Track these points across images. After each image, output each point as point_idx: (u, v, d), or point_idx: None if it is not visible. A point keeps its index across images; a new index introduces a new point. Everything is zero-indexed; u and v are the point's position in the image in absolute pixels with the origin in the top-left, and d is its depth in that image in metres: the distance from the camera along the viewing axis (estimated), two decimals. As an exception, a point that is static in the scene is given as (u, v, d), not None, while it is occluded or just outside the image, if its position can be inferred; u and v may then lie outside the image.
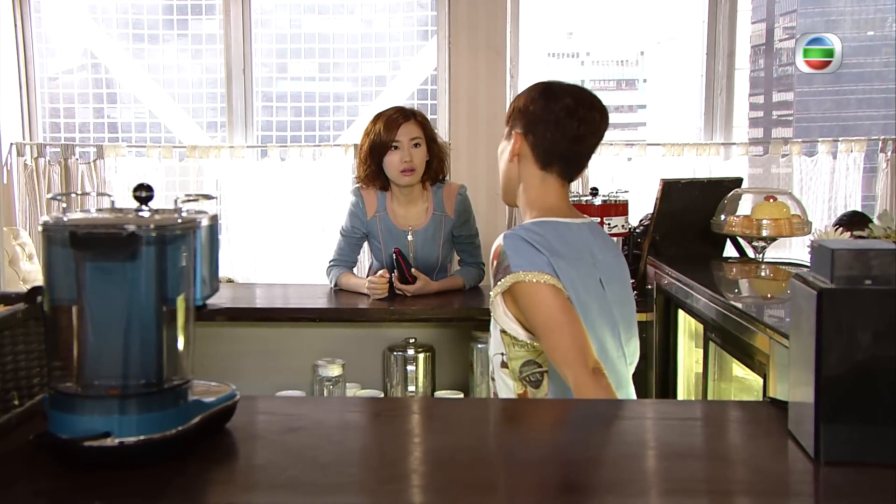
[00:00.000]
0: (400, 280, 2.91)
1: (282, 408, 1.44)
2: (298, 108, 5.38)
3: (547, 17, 5.55)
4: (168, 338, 1.18)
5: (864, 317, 1.14)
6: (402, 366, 2.78)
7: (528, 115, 1.82)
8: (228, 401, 1.29)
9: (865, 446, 1.14)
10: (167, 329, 1.18)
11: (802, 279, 1.23)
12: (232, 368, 2.90)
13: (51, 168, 4.69)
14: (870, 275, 1.16)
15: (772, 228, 2.59)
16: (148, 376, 1.15)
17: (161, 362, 1.17)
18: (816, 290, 1.16)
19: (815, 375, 1.16)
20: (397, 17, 5.32)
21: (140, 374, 1.15)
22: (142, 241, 1.13)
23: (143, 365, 1.15)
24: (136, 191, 1.22)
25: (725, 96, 5.14)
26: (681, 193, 2.69)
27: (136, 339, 1.14)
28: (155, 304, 1.16)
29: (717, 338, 1.97)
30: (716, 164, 5.00)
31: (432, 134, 3.08)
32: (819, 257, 1.22)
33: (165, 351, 1.18)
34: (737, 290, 2.36)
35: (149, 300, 1.15)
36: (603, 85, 5.96)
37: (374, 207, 3.08)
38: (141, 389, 1.14)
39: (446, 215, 3.10)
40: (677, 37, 5.84)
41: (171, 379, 1.18)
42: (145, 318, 1.15)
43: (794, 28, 6.05)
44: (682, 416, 1.45)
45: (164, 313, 1.17)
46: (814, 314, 1.17)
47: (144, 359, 1.15)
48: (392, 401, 1.78)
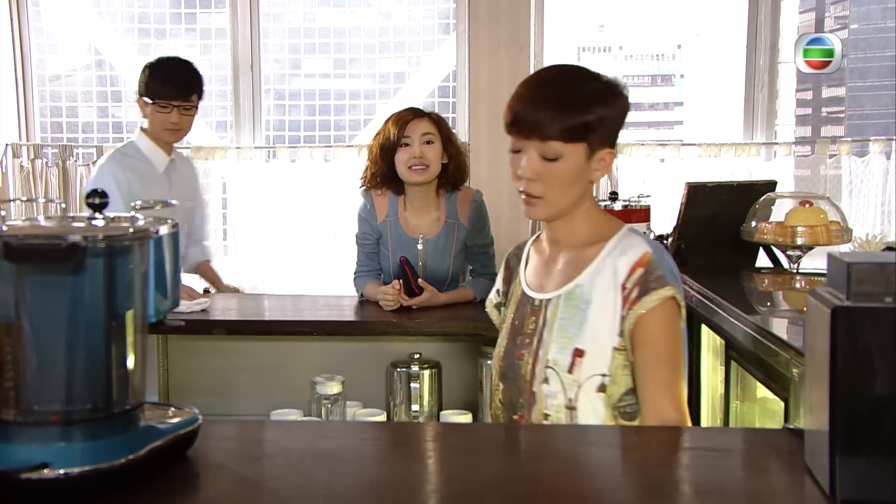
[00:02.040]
0: (406, 291, 2.87)
1: (249, 433, 1.40)
2: (312, 106, 5.37)
3: (576, 9, 5.49)
4: (117, 358, 1.15)
5: (883, 338, 1.09)
6: (406, 383, 2.74)
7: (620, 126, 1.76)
8: (187, 426, 1.25)
9: (885, 483, 1.09)
10: (116, 348, 1.15)
11: (817, 295, 1.18)
12: (225, 385, 2.90)
13: (48, 170, 4.71)
14: (891, 291, 1.11)
15: (807, 236, 2.53)
16: (94, 400, 1.13)
17: (109, 385, 1.14)
18: (830, 308, 1.11)
19: (830, 403, 1.11)
20: (417, 10, 5.29)
21: (85, 397, 1.12)
22: (86, 252, 1.10)
23: (88, 388, 1.13)
24: (89, 197, 1.20)
25: (767, 92, 5.05)
26: (708, 198, 2.63)
27: (80, 359, 1.12)
28: (103, 320, 1.13)
29: (739, 357, 1.91)
30: (756, 165, 4.90)
31: (449, 134, 3.05)
32: (835, 271, 1.17)
33: (114, 372, 1.15)
34: (764, 304, 2.30)
35: (95, 317, 1.13)
36: (637, 81, 5.90)
37: (386, 211, 3.08)
38: (86, 415, 1.12)
39: (459, 223, 3.07)
40: (718, 29, 5.76)
41: (121, 402, 1.15)
42: (91, 336, 1.12)
43: (847, 17, 5.94)
44: (692, 445, 1.41)
45: (113, 331, 1.14)
46: (828, 334, 1.11)
47: (90, 381, 1.13)
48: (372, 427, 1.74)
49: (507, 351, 1.80)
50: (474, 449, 1.37)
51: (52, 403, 1.10)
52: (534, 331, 1.75)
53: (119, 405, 1.14)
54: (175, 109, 3.21)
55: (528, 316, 1.77)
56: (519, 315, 1.79)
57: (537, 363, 1.72)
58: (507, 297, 1.88)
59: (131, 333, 1.16)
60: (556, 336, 1.71)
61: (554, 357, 1.69)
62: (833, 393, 1.11)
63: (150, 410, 1.25)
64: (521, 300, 1.80)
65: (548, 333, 1.72)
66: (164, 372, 2.89)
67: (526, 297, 1.79)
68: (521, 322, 1.78)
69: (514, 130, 1.69)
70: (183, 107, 3.23)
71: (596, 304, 1.68)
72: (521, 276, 1.84)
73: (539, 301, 1.76)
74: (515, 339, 1.78)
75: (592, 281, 1.70)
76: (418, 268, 3.04)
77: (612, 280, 1.67)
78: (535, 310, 1.76)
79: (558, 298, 1.72)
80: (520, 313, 1.79)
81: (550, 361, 1.70)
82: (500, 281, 1.94)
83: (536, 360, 1.72)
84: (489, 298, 1.97)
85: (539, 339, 1.73)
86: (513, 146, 1.70)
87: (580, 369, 1.67)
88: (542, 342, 1.72)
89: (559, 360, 1.69)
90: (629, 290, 1.66)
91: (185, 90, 3.23)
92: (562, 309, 1.71)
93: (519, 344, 1.77)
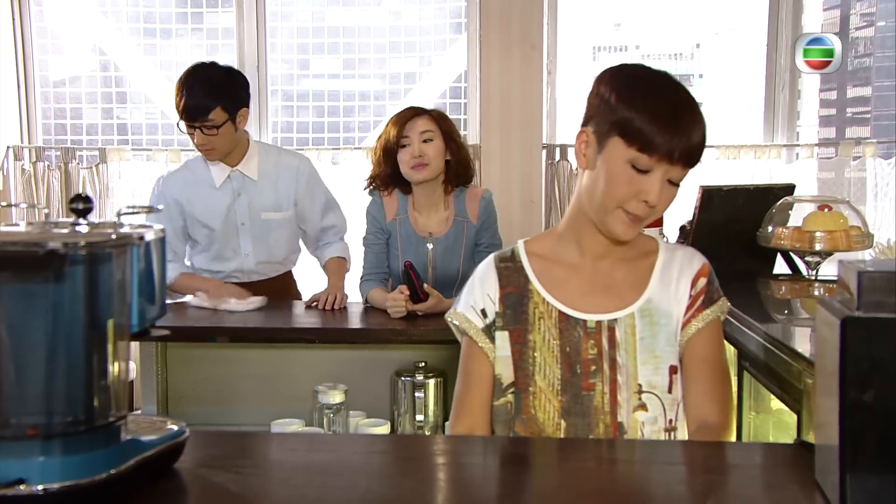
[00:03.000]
0: (411, 297, 2.86)
1: (238, 446, 1.39)
2: (320, 107, 5.36)
3: (591, 7, 5.46)
4: (98, 368, 1.14)
5: (894, 350, 1.06)
6: (411, 392, 2.73)
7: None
8: (174, 439, 1.24)
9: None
10: (97, 358, 1.14)
11: (827, 304, 1.16)
12: (226, 394, 2.90)
13: (50, 173, 4.72)
14: (903, 301, 1.09)
15: (826, 242, 2.49)
16: (74, 412, 1.12)
17: (90, 396, 1.13)
18: (840, 318, 1.09)
19: (839, 417, 1.09)
20: (428, 9, 5.28)
21: (65, 410, 1.11)
22: (66, 259, 1.09)
23: (68, 400, 1.11)
24: (73, 202, 1.19)
25: (788, 92, 5.01)
26: (723, 202, 2.61)
27: (60, 370, 1.11)
28: (84, 330, 1.12)
29: (752, 367, 1.88)
30: (777, 168, 4.87)
31: (451, 131, 3.05)
32: (845, 279, 1.15)
33: (96, 383, 1.14)
34: (778, 312, 2.27)
35: (75, 326, 1.11)
36: (654, 81, 5.85)
37: (395, 210, 3.10)
38: (66, 428, 1.11)
39: (468, 221, 3.07)
40: (738, 27, 5.72)
41: (103, 415, 1.14)
42: (71, 346, 1.11)
43: (874, 14, 5.89)
44: (698, 460, 1.39)
45: (95, 340, 1.13)
46: (837, 345, 1.09)
47: (70, 393, 1.12)
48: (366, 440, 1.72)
49: (566, 383, 1.63)
50: (475, 463, 1.35)
51: (30, 416, 1.09)
52: (598, 356, 1.63)
53: (100, 417, 1.13)
54: (197, 130, 3.08)
55: (583, 340, 1.64)
56: (568, 340, 1.64)
57: (618, 390, 1.61)
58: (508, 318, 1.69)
59: (113, 343, 1.15)
60: (642, 357, 1.62)
61: (649, 379, 1.61)
62: (843, 406, 1.09)
63: (135, 423, 1.24)
64: (563, 323, 1.65)
65: (625, 356, 1.62)
66: (164, 381, 2.88)
67: (573, 320, 1.65)
68: (575, 348, 1.64)
69: (655, 151, 1.54)
70: (204, 126, 3.07)
71: (675, 316, 1.64)
72: (541, 294, 1.68)
73: (595, 323, 1.64)
74: (574, 367, 1.63)
75: (662, 292, 1.65)
76: (428, 269, 3.05)
77: (678, 290, 1.65)
78: (590, 333, 1.64)
79: (630, 317, 1.64)
80: (568, 338, 1.64)
81: (646, 385, 1.61)
82: (486, 299, 1.71)
83: (616, 387, 1.62)
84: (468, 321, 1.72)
85: (612, 364, 1.62)
86: (638, 163, 1.55)
87: (677, 386, 1.62)
88: (619, 366, 1.62)
89: (656, 383, 1.61)
90: (693, 299, 1.64)
91: (201, 109, 3.03)
92: (640, 327, 1.63)
93: (581, 373, 1.63)
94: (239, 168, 3.24)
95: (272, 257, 3.33)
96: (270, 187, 3.28)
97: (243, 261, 3.27)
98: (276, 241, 3.32)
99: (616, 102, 1.56)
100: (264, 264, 3.32)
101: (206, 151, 3.16)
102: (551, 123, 4.87)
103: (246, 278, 3.27)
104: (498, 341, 1.68)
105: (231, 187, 3.24)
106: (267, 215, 3.27)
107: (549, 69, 4.83)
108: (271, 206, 3.28)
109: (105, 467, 1.11)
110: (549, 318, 1.66)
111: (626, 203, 1.58)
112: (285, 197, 3.30)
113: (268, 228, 3.28)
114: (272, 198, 3.28)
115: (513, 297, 1.70)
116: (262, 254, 3.30)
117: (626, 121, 1.55)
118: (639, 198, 1.57)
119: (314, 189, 3.38)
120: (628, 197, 1.57)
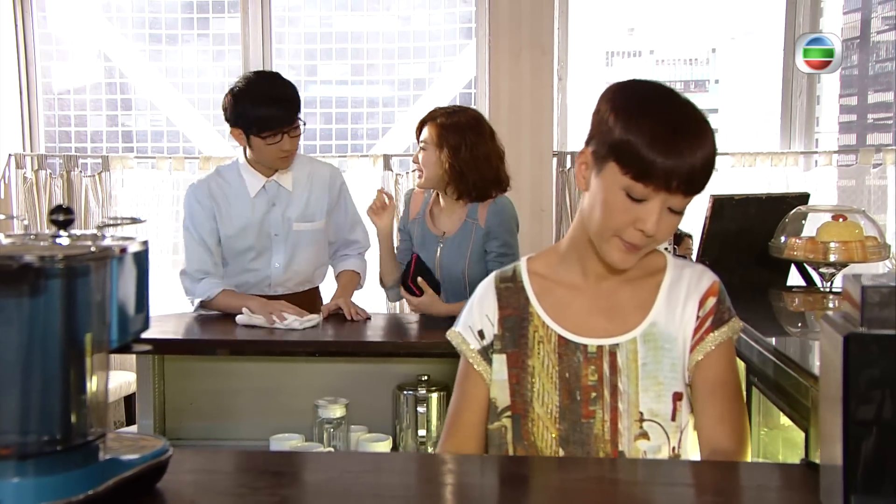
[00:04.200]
0: (402, 284, 2.89)
1: (224, 465, 1.37)
2: (328, 114, 5.36)
3: (604, 11, 5.45)
4: (76, 385, 1.13)
5: (899, 368, 1.04)
6: (413, 407, 2.71)
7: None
8: (156, 458, 1.22)
9: (904, 527, 1.04)
10: (75, 375, 1.13)
11: (830, 320, 1.14)
12: (224, 408, 2.89)
13: (52, 181, 4.73)
14: (909, 317, 1.06)
15: (841, 253, 2.46)
16: (50, 431, 1.11)
17: (67, 414, 1.12)
18: (843, 335, 1.07)
19: (843, 436, 1.07)
20: (438, 14, 5.27)
21: (40, 429, 1.10)
22: (41, 273, 1.08)
23: (43, 418, 1.10)
24: (53, 213, 1.18)
25: (806, 98, 4.98)
26: (734, 211, 2.58)
27: (35, 387, 1.10)
28: (60, 346, 1.11)
29: (760, 382, 1.86)
30: (794, 175, 4.83)
31: (453, 141, 3.02)
32: (850, 294, 1.12)
33: (73, 401, 1.13)
34: (788, 325, 2.24)
35: (52, 342, 1.10)
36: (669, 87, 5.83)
37: (418, 209, 3.21)
38: (41, 448, 1.10)
39: (477, 224, 3.06)
40: (754, 31, 5.69)
41: (80, 433, 1.12)
42: (48, 362, 1.10)
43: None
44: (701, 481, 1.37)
45: (72, 356, 1.12)
46: (841, 363, 1.07)
47: (46, 411, 1.11)
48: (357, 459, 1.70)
49: (565, 410, 1.59)
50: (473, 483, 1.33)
51: (3, 435, 1.08)
52: (598, 382, 1.58)
53: (78, 436, 1.12)
54: (284, 135, 3.08)
55: (583, 366, 1.59)
56: (568, 366, 1.60)
57: (619, 418, 1.57)
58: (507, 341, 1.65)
59: (91, 359, 1.13)
60: (644, 384, 1.57)
61: (651, 407, 1.57)
62: (846, 426, 1.07)
63: (117, 441, 1.22)
64: (562, 348, 1.61)
65: (627, 382, 1.57)
66: (161, 394, 2.87)
67: (573, 345, 1.61)
68: (575, 374, 1.60)
69: (650, 180, 1.47)
70: (292, 130, 3.09)
71: (680, 341, 1.58)
72: (541, 317, 1.64)
73: (596, 347, 1.59)
74: (573, 394, 1.59)
75: (667, 315, 1.59)
76: (435, 268, 3.07)
77: (685, 313, 1.59)
78: (591, 358, 1.59)
79: (632, 342, 1.59)
80: (567, 364, 1.60)
81: (647, 413, 1.57)
82: (484, 320, 1.68)
83: (617, 414, 1.57)
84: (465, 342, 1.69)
85: (613, 391, 1.58)
86: (633, 191, 1.48)
87: (682, 413, 1.58)
88: (621, 393, 1.57)
89: (659, 410, 1.57)
90: (702, 320, 1.58)
91: (292, 112, 3.08)
92: (643, 353, 1.58)
93: (581, 400, 1.59)
94: (275, 178, 3.22)
95: (301, 270, 3.31)
96: (304, 198, 3.27)
97: (273, 273, 3.25)
98: (305, 253, 3.29)
99: (613, 123, 1.49)
100: (292, 278, 3.30)
101: (286, 159, 3.15)
102: (562, 130, 4.86)
103: (272, 291, 3.24)
104: (495, 364, 1.65)
105: (266, 197, 3.22)
106: (299, 226, 3.25)
107: (559, 75, 4.81)
108: (304, 217, 3.26)
109: (82, 488, 1.10)
110: (548, 343, 1.62)
111: (621, 232, 1.52)
112: (318, 208, 3.29)
113: (299, 239, 3.26)
114: (305, 208, 3.27)
115: (512, 320, 1.66)
116: (292, 266, 3.28)
117: (622, 145, 1.48)
118: (635, 226, 1.50)
119: (346, 201, 3.38)
120: (624, 225, 1.51)
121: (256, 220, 3.19)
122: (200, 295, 3.08)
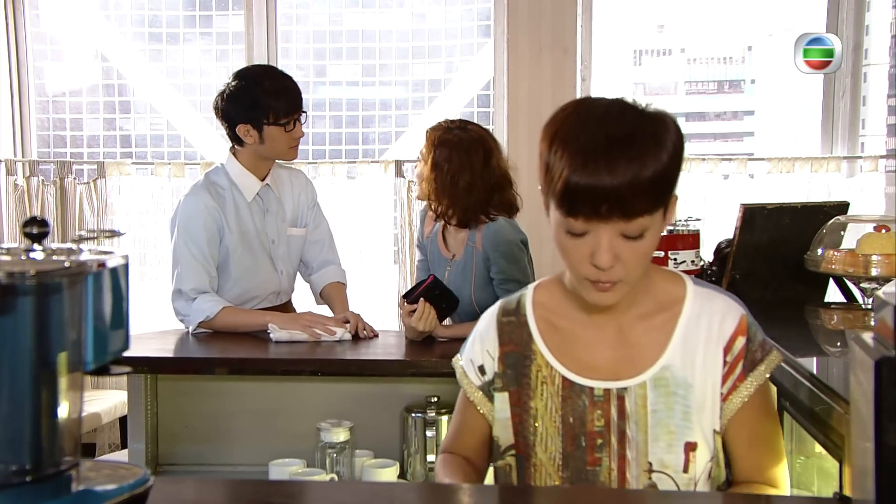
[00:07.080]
0: (405, 295, 2.94)
1: (208, 495, 1.36)
2: (338, 117, 5.36)
3: (631, 7, 5.43)
4: (47, 410, 1.12)
5: (936, 396, 1.02)
6: (422, 430, 2.71)
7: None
8: (134, 489, 1.21)
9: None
10: (47, 398, 1.12)
11: (862, 343, 1.12)
12: (221, 431, 2.89)
13: (45, 189, 4.75)
14: (946, 341, 1.04)
15: (883, 266, 2.43)
16: (19, 461, 1.10)
17: (37, 442, 1.12)
18: (874, 359, 1.05)
19: (875, 468, 1.05)
20: (454, 11, 5.27)
21: (9, 457, 1.10)
22: (11, 290, 1.08)
23: (13, 446, 1.10)
24: (27, 226, 1.18)
25: (850, 99, 4.93)
26: (767, 221, 2.55)
27: (3, 412, 1.09)
28: (31, 367, 1.11)
29: (792, 407, 1.83)
30: (836, 182, 4.79)
31: (439, 159, 3.05)
32: (882, 315, 1.10)
33: (44, 427, 1.12)
34: (825, 345, 2.21)
35: (23, 363, 1.10)
36: (702, 87, 5.81)
37: (431, 227, 3.24)
38: (9, 478, 1.09)
39: (476, 247, 3.06)
40: (794, 27, 5.65)
41: (52, 463, 1.12)
42: (18, 385, 1.10)
43: (949, 12, 5.80)
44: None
45: (44, 379, 1.12)
46: (872, 389, 1.05)
47: (14, 438, 1.10)
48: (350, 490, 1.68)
49: (568, 457, 1.56)
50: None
51: (-32, 464, 1.07)
52: (605, 428, 1.54)
53: (49, 466, 1.12)
54: (297, 123, 3.17)
55: (589, 410, 1.55)
56: (572, 410, 1.56)
57: (627, 467, 1.53)
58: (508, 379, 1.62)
59: (65, 381, 1.13)
60: (654, 432, 1.52)
61: (661, 458, 1.52)
62: (879, 457, 1.05)
63: (93, 469, 1.22)
64: (567, 391, 1.57)
65: (636, 430, 1.53)
66: (153, 416, 2.87)
67: (578, 387, 1.56)
68: (580, 418, 1.56)
69: (578, 212, 1.40)
70: (302, 116, 3.19)
71: (698, 388, 1.52)
72: (545, 356, 1.60)
73: (603, 391, 1.55)
74: (578, 440, 1.56)
75: (684, 359, 1.53)
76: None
77: (707, 354, 1.53)
78: (597, 402, 1.55)
79: (642, 386, 1.54)
80: (572, 407, 1.56)
81: (657, 464, 1.52)
82: (485, 356, 1.66)
83: (625, 463, 1.53)
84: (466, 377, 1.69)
85: (620, 438, 1.54)
86: (571, 228, 1.42)
87: (695, 465, 1.52)
88: (629, 440, 1.53)
89: (669, 461, 1.52)
90: (731, 366, 1.53)
91: (301, 98, 3.20)
92: (652, 399, 1.53)
93: (586, 447, 1.55)
94: (268, 181, 3.25)
95: (293, 277, 3.36)
96: (290, 202, 3.32)
97: (281, 280, 3.27)
98: (296, 260, 3.35)
99: (545, 156, 1.43)
100: (291, 286, 3.34)
101: (295, 148, 3.22)
102: (586, 134, 4.83)
103: (278, 301, 3.27)
104: (497, 402, 1.63)
105: (261, 203, 3.25)
106: (292, 231, 3.31)
107: (583, 75, 4.79)
108: (294, 222, 3.33)
109: (53, 521, 1.09)
110: (551, 385, 1.58)
111: (583, 273, 1.46)
112: (303, 212, 3.36)
113: (292, 245, 3.32)
114: (294, 213, 3.33)
115: (513, 356, 1.63)
116: (291, 273, 3.34)
117: (549, 179, 1.43)
118: (592, 263, 1.44)
119: (319, 213, 3.44)
120: (581, 265, 1.45)
121: (257, 226, 3.19)
122: (199, 315, 3.03)
